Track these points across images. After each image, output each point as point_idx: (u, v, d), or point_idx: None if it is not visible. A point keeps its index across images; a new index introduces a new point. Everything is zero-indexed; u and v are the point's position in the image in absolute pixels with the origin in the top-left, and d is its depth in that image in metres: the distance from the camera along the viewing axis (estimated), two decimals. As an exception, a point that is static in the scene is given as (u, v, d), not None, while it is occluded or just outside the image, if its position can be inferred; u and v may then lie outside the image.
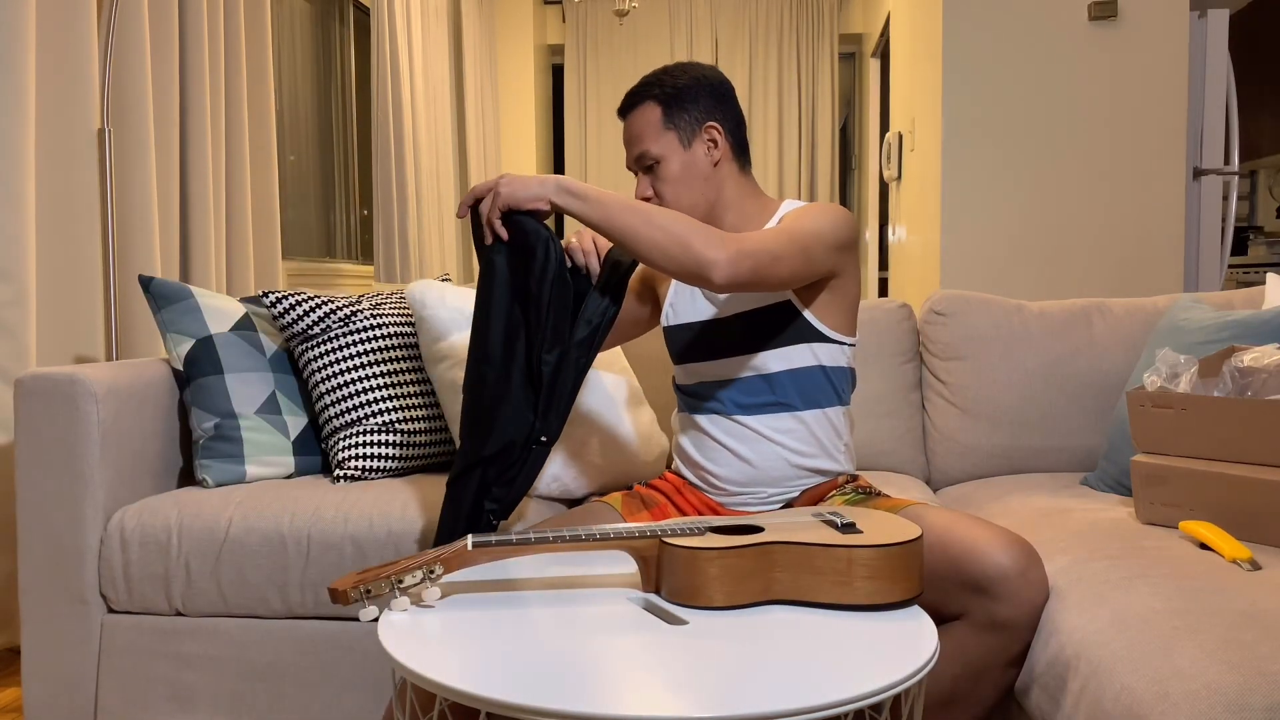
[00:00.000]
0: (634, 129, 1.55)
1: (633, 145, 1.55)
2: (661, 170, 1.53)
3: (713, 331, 1.56)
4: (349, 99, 5.03)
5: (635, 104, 1.55)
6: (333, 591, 1.12)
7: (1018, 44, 3.45)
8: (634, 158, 1.55)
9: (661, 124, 1.53)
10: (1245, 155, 5.11)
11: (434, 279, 2.03)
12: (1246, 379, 1.42)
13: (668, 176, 1.53)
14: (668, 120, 1.53)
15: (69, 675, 1.73)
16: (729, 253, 1.33)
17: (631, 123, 1.55)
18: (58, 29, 2.42)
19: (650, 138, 1.53)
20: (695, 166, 1.54)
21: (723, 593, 1.11)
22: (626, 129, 1.56)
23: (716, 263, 1.33)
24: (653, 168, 1.54)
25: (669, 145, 1.53)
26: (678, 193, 1.54)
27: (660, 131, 1.53)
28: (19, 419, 1.73)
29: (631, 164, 1.56)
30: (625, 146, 1.57)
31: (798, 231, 1.43)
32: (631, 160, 1.56)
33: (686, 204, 1.54)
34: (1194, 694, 0.96)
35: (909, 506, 1.41)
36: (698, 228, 1.35)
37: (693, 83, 1.54)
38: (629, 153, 1.56)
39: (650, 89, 1.54)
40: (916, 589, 1.13)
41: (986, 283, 3.52)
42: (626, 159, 1.57)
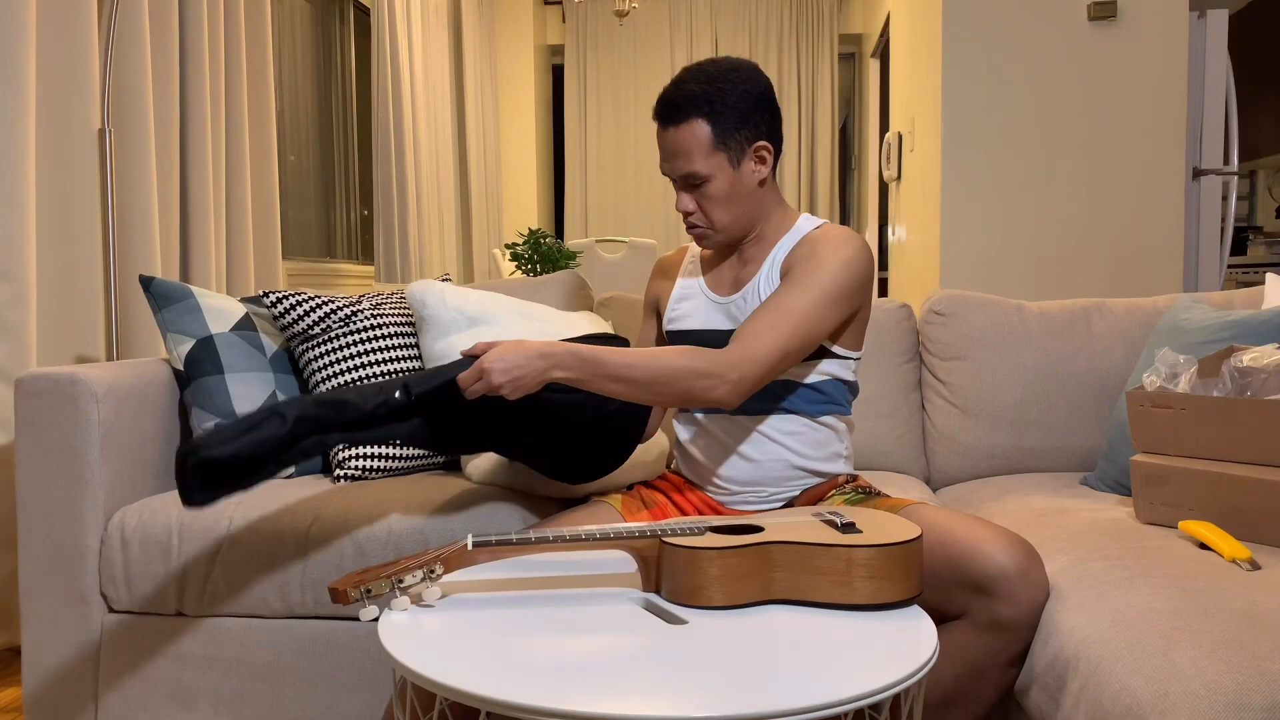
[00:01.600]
0: (681, 144, 1.47)
1: (678, 161, 1.48)
2: (709, 189, 1.48)
3: (718, 341, 1.56)
4: (349, 99, 5.03)
5: (684, 119, 1.46)
6: (333, 591, 1.12)
7: (1017, 44, 3.45)
8: (680, 174, 1.48)
9: (712, 144, 1.46)
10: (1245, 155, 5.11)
11: (434, 279, 2.03)
12: (1246, 379, 1.42)
13: (715, 195, 1.49)
14: (718, 140, 1.46)
15: (69, 675, 1.73)
16: (730, 385, 1.36)
17: (679, 137, 1.47)
18: (58, 29, 2.42)
19: (699, 158, 1.46)
20: (742, 185, 1.50)
21: (723, 592, 1.11)
22: (672, 141, 1.47)
23: (722, 400, 1.37)
24: (698, 186, 1.49)
25: (718, 165, 1.47)
26: (723, 211, 1.50)
27: (710, 151, 1.46)
28: (19, 419, 1.73)
29: (674, 176, 1.50)
30: (666, 157, 1.49)
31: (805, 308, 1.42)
32: (675, 174, 1.49)
33: (730, 220, 1.51)
34: (1194, 694, 0.96)
35: (909, 506, 1.42)
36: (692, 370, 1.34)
37: (743, 98, 1.46)
38: (671, 166, 1.49)
39: (700, 105, 1.45)
40: (916, 589, 1.14)
41: (986, 283, 3.52)
42: (665, 167, 1.50)
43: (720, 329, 1.57)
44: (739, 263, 1.59)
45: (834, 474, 1.58)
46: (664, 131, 1.49)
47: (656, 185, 7.22)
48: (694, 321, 1.60)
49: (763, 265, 1.55)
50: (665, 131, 1.49)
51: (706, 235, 1.54)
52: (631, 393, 1.34)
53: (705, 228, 1.53)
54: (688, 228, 1.54)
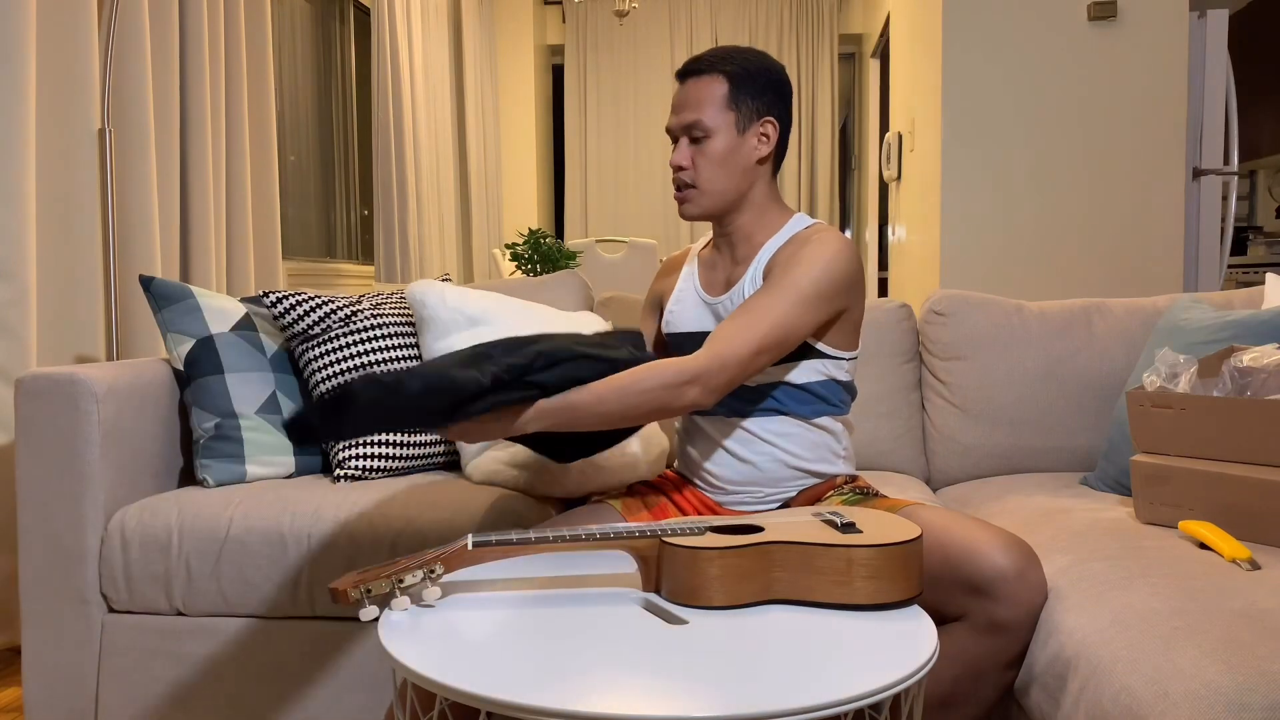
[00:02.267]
0: (695, 95, 1.49)
1: (687, 111, 1.49)
2: (708, 146, 1.49)
3: None
4: (349, 99, 5.03)
5: (702, 71, 1.50)
6: (333, 591, 1.12)
7: (1017, 44, 3.45)
8: (685, 124, 1.50)
9: (725, 101, 1.49)
10: (1245, 155, 5.11)
11: (434, 279, 2.03)
12: (1246, 379, 1.42)
13: (712, 154, 1.50)
14: (731, 100, 1.49)
15: (69, 675, 1.73)
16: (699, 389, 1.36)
17: (693, 88, 1.50)
18: (58, 29, 2.42)
19: (709, 110, 1.49)
20: (741, 154, 1.51)
21: (723, 592, 1.11)
22: (684, 92, 1.50)
23: (698, 403, 1.37)
24: (700, 140, 1.50)
25: (725, 124, 1.49)
26: (714, 174, 1.50)
27: (721, 108, 1.49)
28: (19, 419, 1.73)
29: (678, 129, 1.51)
30: (675, 110, 1.51)
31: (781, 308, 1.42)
32: (680, 125, 1.50)
33: (718, 187, 1.51)
34: (1194, 694, 0.96)
35: (907, 506, 1.42)
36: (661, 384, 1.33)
37: (763, 72, 1.51)
38: (679, 117, 1.51)
39: (722, 63, 1.49)
40: (916, 589, 1.14)
41: (986, 283, 3.52)
42: (673, 120, 1.52)
43: (708, 330, 1.57)
44: (732, 263, 1.59)
45: (831, 474, 1.57)
46: (681, 86, 1.52)
47: (656, 185, 7.22)
48: (685, 323, 1.60)
49: (750, 266, 1.55)
50: (683, 85, 1.52)
51: (690, 198, 1.53)
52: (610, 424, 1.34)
53: (691, 187, 1.52)
54: (676, 187, 1.54)
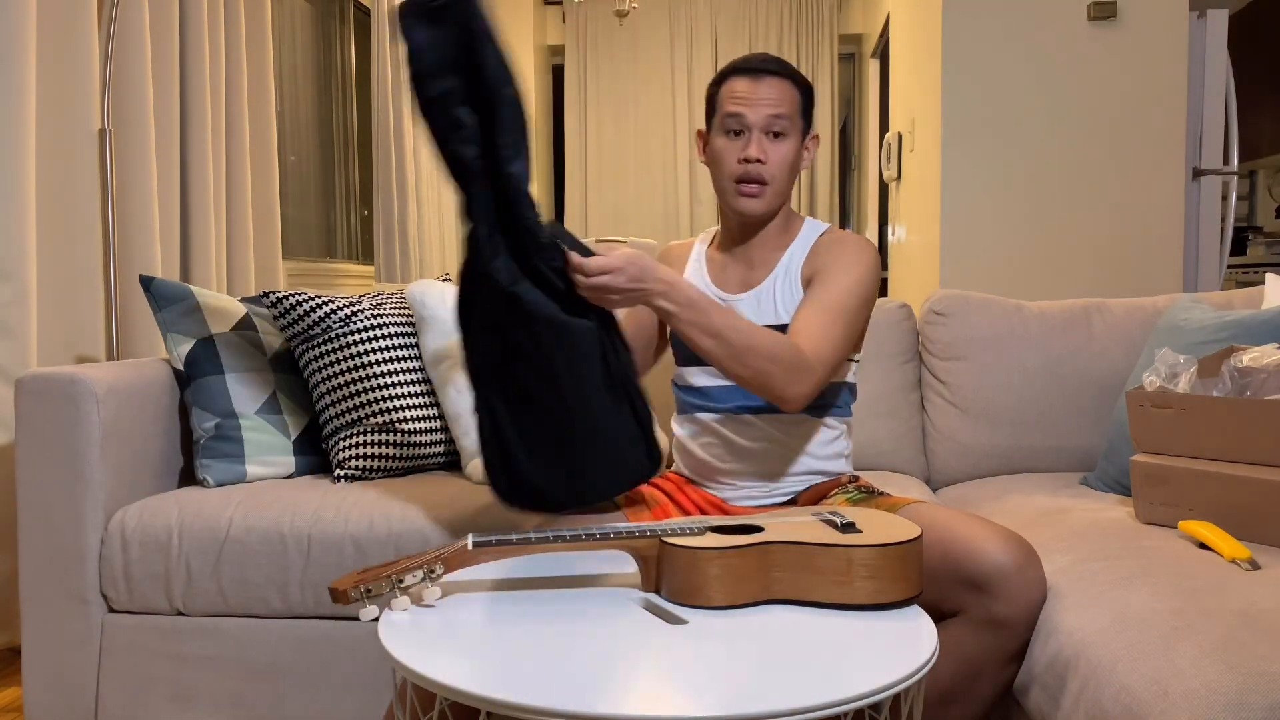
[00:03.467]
0: (783, 94, 1.51)
1: (776, 106, 1.50)
2: (784, 145, 1.52)
3: None
4: (349, 99, 5.03)
5: (781, 74, 1.52)
6: (333, 591, 1.12)
7: (1018, 44, 3.45)
8: (769, 116, 1.50)
9: (800, 108, 1.54)
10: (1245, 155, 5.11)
11: (434, 279, 2.03)
12: (1246, 379, 1.42)
13: (786, 154, 1.52)
14: (804, 109, 1.54)
15: (69, 675, 1.73)
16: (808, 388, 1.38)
17: (774, 86, 1.50)
18: (58, 29, 2.42)
19: (792, 111, 1.52)
20: (799, 162, 1.55)
21: (723, 592, 1.11)
22: (769, 87, 1.50)
23: (796, 399, 1.38)
24: (779, 136, 1.51)
25: (796, 129, 1.53)
26: (784, 175, 1.52)
27: (796, 113, 1.53)
28: (20, 419, 1.73)
29: (759, 123, 1.50)
30: (753, 103, 1.50)
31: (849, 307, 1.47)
32: (764, 118, 1.50)
33: (783, 188, 1.54)
34: (1193, 693, 0.96)
35: (908, 505, 1.42)
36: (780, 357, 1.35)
37: (810, 92, 1.57)
38: (763, 111, 1.50)
39: (794, 73, 1.53)
40: (916, 589, 1.14)
41: (986, 283, 3.52)
42: (749, 112, 1.50)
43: None
44: (745, 265, 1.59)
45: (837, 473, 1.58)
46: (759, 80, 1.51)
47: (656, 185, 7.22)
48: None
49: (776, 268, 1.56)
50: (762, 80, 1.51)
51: (762, 194, 1.52)
52: (719, 352, 1.34)
53: (765, 181, 1.52)
54: (744, 179, 1.52)
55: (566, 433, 1.38)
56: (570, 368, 1.35)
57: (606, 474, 1.41)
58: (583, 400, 1.36)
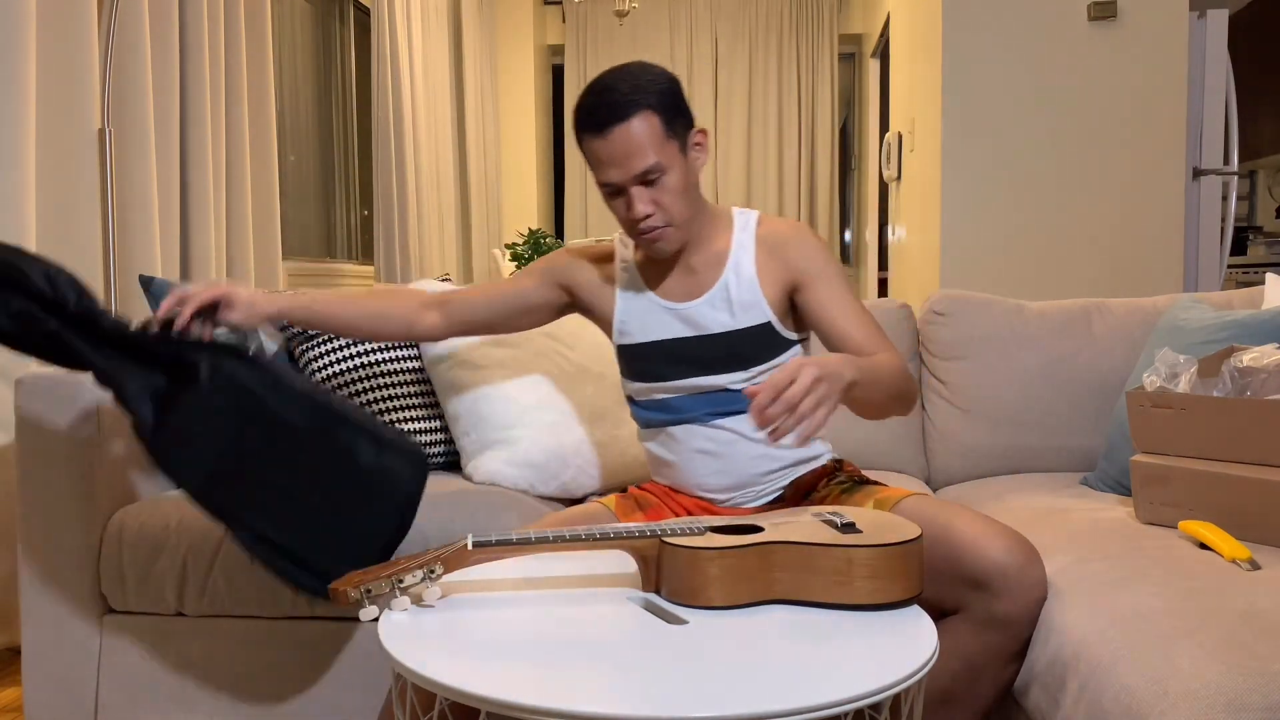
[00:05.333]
0: (633, 142, 1.37)
1: (633, 160, 1.38)
2: (666, 182, 1.40)
3: (686, 350, 1.51)
4: (349, 99, 5.03)
5: (628, 114, 1.37)
6: (333, 591, 1.12)
7: (1017, 44, 3.45)
8: (636, 173, 1.39)
9: (664, 133, 1.39)
10: (1245, 155, 5.11)
11: (434, 279, 2.03)
12: (1246, 379, 1.42)
13: (673, 188, 1.41)
14: (668, 129, 1.40)
15: (69, 675, 1.73)
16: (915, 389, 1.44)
17: (629, 134, 1.37)
18: (58, 29, 2.42)
19: (654, 149, 1.38)
20: (692, 175, 1.45)
21: (723, 593, 1.11)
22: (621, 140, 1.38)
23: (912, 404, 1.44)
24: (655, 180, 1.40)
25: (673, 155, 1.41)
26: (681, 204, 1.42)
27: (664, 141, 1.39)
28: (20, 419, 1.73)
29: (626, 180, 1.40)
30: (610, 164, 1.39)
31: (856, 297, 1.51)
32: (629, 177, 1.39)
33: (689, 214, 1.45)
34: (1193, 693, 0.96)
35: (908, 498, 1.41)
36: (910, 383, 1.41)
37: (672, 86, 1.42)
38: (623, 169, 1.39)
39: (640, 96, 1.38)
40: (916, 588, 1.14)
41: (986, 283, 3.52)
42: (614, 174, 1.40)
43: (681, 336, 1.50)
44: (686, 271, 1.52)
45: (815, 456, 1.56)
46: (606, 137, 1.38)
47: (656, 185, 7.21)
48: (649, 332, 1.53)
49: (725, 271, 1.49)
50: (608, 135, 1.38)
51: (666, 234, 1.44)
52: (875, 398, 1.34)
53: (665, 225, 1.43)
54: (642, 233, 1.44)
55: (310, 494, 1.40)
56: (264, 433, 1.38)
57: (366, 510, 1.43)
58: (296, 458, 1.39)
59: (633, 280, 1.56)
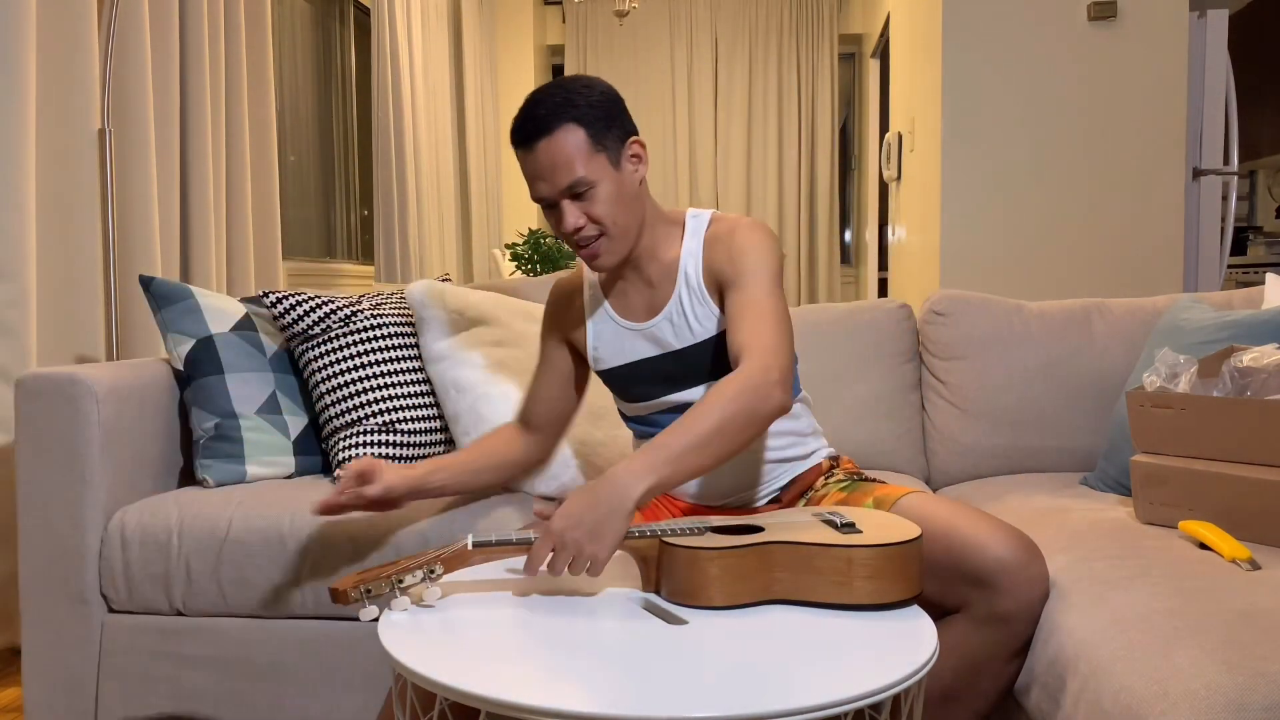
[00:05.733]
0: (558, 155, 1.36)
1: (558, 174, 1.37)
2: (596, 194, 1.39)
3: (656, 367, 1.50)
4: (349, 99, 5.03)
5: (553, 127, 1.36)
6: (333, 591, 1.12)
7: (1017, 44, 3.45)
8: (562, 187, 1.38)
9: (590, 147, 1.37)
10: (1245, 155, 5.11)
11: (434, 279, 2.03)
12: (1246, 379, 1.42)
13: (604, 198, 1.39)
14: (595, 142, 1.38)
15: (69, 675, 1.73)
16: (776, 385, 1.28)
17: (553, 147, 1.36)
18: (58, 29, 2.42)
19: (580, 163, 1.37)
20: (626, 187, 1.42)
21: (723, 593, 1.11)
22: (545, 155, 1.37)
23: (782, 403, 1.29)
24: (583, 194, 1.39)
25: (601, 169, 1.39)
26: (615, 214, 1.40)
27: (590, 154, 1.37)
28: (20, 419, 1.73)
29: (554, 194, 1.39)
30: (539, 178, 1.39)
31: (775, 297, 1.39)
32: (557, 191, 1.38)
33: (624, 225, 1.42)
34: (1193, 693, 0.96)
35: (908, 495, 1.41)
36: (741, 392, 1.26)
37: (604, 98, 1.41)
38: (550, 183, 1.38)
39: (565, 109, 1.37)
40: (916, 589, 1.14)
41: (986, 283, 3.52)
42: (542, 187, 1.39)
43: (647, 357, 1.50)
44: (646, 286, 1.51)
45: (809, 454, 1.55)
46: (531, 151, 1.38)
47: (655, 184, 7.22)
48: (619, 356, 1.53)
49: (676, 282, 1.48)
50: (534, 150, 1.38)
51: (601, 250, 1.42)
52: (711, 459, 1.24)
53: (599, 235, 1.41)
54: (579, 247, 1.42)
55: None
56: None
57: None
58: None
59: (598, 304, 1.55)
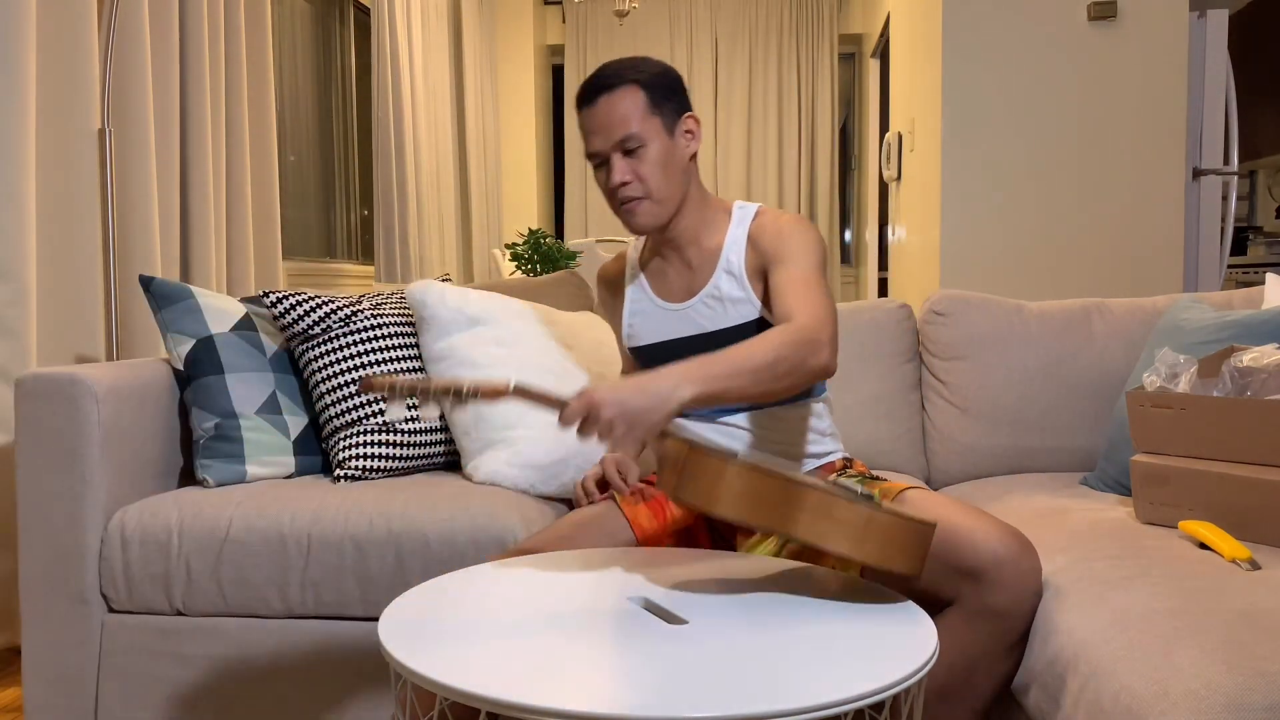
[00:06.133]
0: (616, 111, 1.46)
1: (614, 128, 1.46)
2: (646, 154, 1.47)
3: (688, 348, 1.53)
4: (349, 99, 5.03)
5: (615, 86, 1.47)
6: (364, 381, 1.13)
7: (1017, 44, 3.45)
8: (616, 140, 1.46)
9: (647, 108, 1.47)
10: (1245, 155, 5.11)
11: (434, 279, 2.03)
12: (1246, 379, 1.42)
13: (653, 159, 1.47)
14: (652, 105, 1.48)
15: (69, 675, 1.73)
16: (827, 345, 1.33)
17: (612, 104, 1.46)
18: (58, 29, 2.42)
19: (636, 120, 1.46)
20: (675, 155, 1.50)
21: (735, 507, 1.10)
22: (604, 110, 1.47)
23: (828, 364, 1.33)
24: (634, 151, 1.47)
25: (655, 130, 1.48)
26: (660, 180, 1.48)
27: (646, 115, 1.47)
28: (20, 419, 1.73)
29: (607, 148, 1.48)
30: (595, 132, 1.48)
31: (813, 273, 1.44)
32: (610, 144, 1.47)
33: (668, 192, 1.49)
34: (1193, 693, 0.96)
35: (907, 489, 1.42)
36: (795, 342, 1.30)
37: (664, 73, 1.50)
38: (605, 136, 1.47)
39: (629, 73, 1.48)
40: (918, 569, 1.14)
41: (986, 283, 3.52)
42: (596, 141, 1.48)
43: (680, 337, 1.54)
44: (685, 268, 1.56)
45: (826, 453, 1.58)
46: (593, 106, 1.48)
47: (656, 185, 7.21)
48: (651, 335, 1.57)
49: (718, 266, 1.53)
50: (595, 104, 1.47)
51: (641, 207, 1.49)
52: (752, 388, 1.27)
53: (642, 197, 1.48)
54: (621, 202, 1.50)
55: None
56: None
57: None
58: None
59: (638, 283, 1.61)
